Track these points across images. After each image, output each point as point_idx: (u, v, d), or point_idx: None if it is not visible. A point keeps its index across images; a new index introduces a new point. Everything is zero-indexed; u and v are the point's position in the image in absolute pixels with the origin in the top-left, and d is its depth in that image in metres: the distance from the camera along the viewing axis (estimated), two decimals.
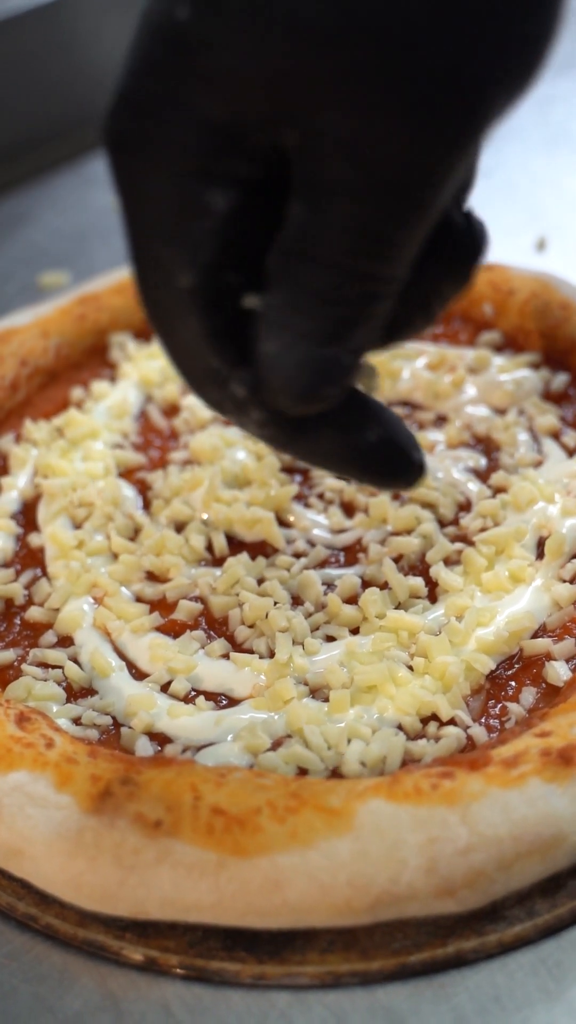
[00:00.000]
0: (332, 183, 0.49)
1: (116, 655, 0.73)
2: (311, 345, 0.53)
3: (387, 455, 0.59)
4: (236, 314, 0.55)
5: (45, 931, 0.63)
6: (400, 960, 0.60)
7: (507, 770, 0.61)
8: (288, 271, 0.52)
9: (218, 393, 0.57)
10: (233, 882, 0.59)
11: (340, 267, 0.51)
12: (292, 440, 0.58)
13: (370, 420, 0.58)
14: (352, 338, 0.53)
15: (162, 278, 0.54)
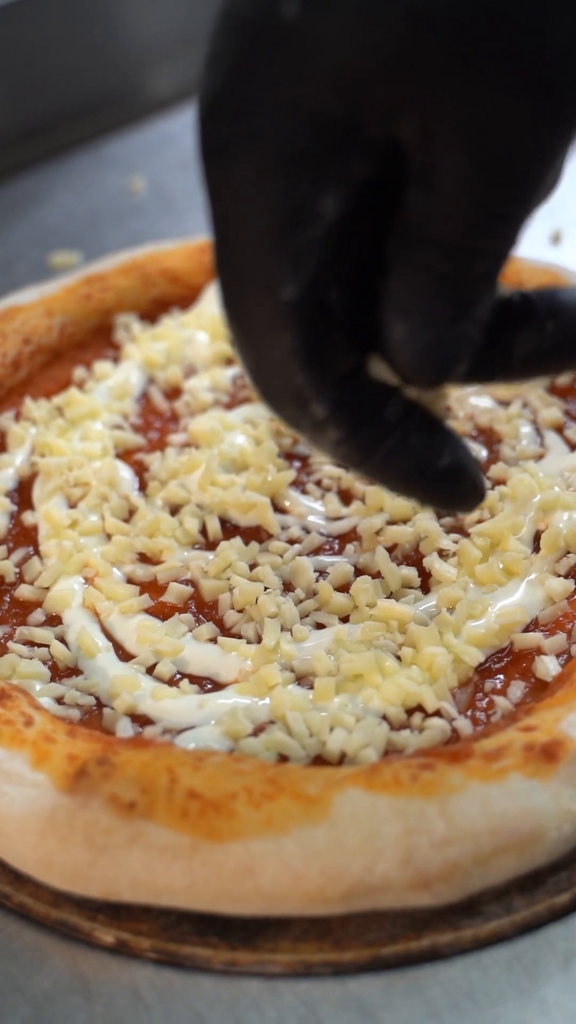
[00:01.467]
0: (450, 167, 0.50)
1: (103, 635, 0.73)
2: (440, 326, 0.53)
3: (456, 480, 0.59)
4: (333, 331, 0.54)
5: (18, 910, 0.63)
6: (374, 952, 0.59)
7: (488, 763, 0.60)
8: (410, 256, 0.52)
9: (297, 412, 0.56)
10: (205, 866, 0.58)
11: (461, 248, 0.51)
12: (365, 460, 0.57)
13: (443, 445, 0.58)
14: (476, 313, 0.54)
15: (261, 291, 0.52)
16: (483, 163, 0.49)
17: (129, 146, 1.22)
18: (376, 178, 0.52)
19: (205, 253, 0.96)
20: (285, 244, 0.51)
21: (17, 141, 1.21)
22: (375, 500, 0.78)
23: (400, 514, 0.77)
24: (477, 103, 0.48)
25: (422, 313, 0.53)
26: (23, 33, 1.17)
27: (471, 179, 0.50)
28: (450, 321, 0.53)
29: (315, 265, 0.52)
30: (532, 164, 0.50)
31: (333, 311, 0.54)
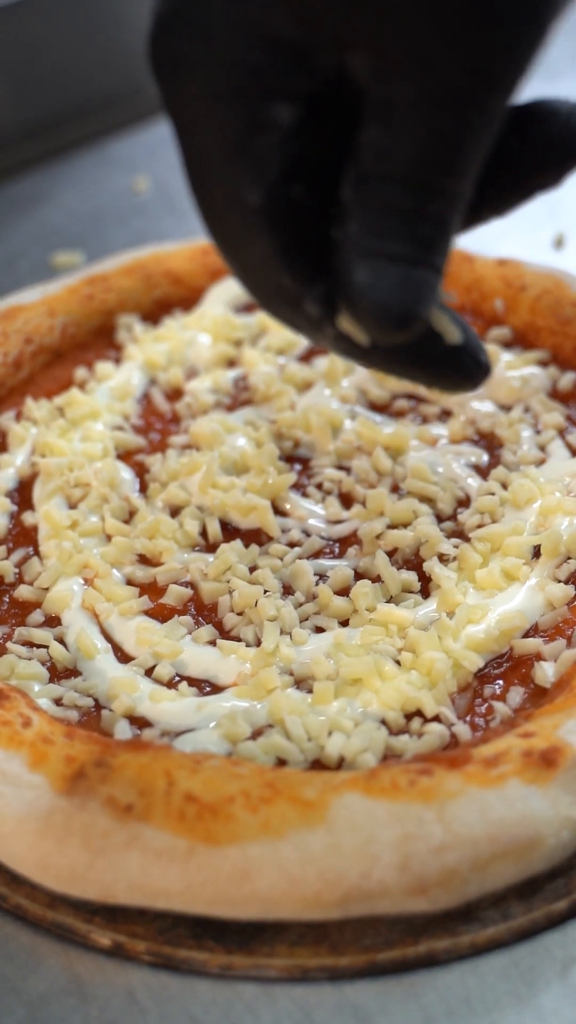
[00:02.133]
0: (404, 100, 0.50)
1: (102, 637, 0.72)
2: (402, 268, 0.53)
3: (459, 359, 0.60)
4: (306, 231, 0.55)
5: (14, 911, 0.63)
6: (370, 957, 0.59)
7: (487, 769, 0.60)
8: (367, 196, 0.52)
9: (291, 311, 0.58)
10: (202, 870, 0.58)
11: (419, 182, 0.52)
12: (367, 352, 0.58)
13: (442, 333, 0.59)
14: (438, 254, 0.54)
15: (228, 198, 0.54)
16: (437, 94, 0.50)
17: (132, 146, 1.22)
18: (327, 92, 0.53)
19: (208, 255, 0.96)
20: (245, 152, 0.53)
21: (20, 140, 1.21)
22: (376, 504, 0.78)
23: (401, 518, 0.77)
24: (428, 35, 0.50)
25: (383, 256, 0.53)
26: (27, 32, 1.17)
27: (423, 112, 0.51)
28: (411, 263, 0.53)
29: (277, 170, 0.54)
30: (484, 93, 0.51)
31: (303, 213, 0.55)
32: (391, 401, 0.87)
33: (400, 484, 0.80)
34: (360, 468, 0.81)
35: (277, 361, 0.90)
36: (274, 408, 0.86)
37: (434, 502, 0.78)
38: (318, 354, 0.91)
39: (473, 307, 0.92)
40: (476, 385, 0.61)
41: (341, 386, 0.87)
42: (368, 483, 0.80)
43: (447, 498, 0.78)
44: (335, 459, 0.82)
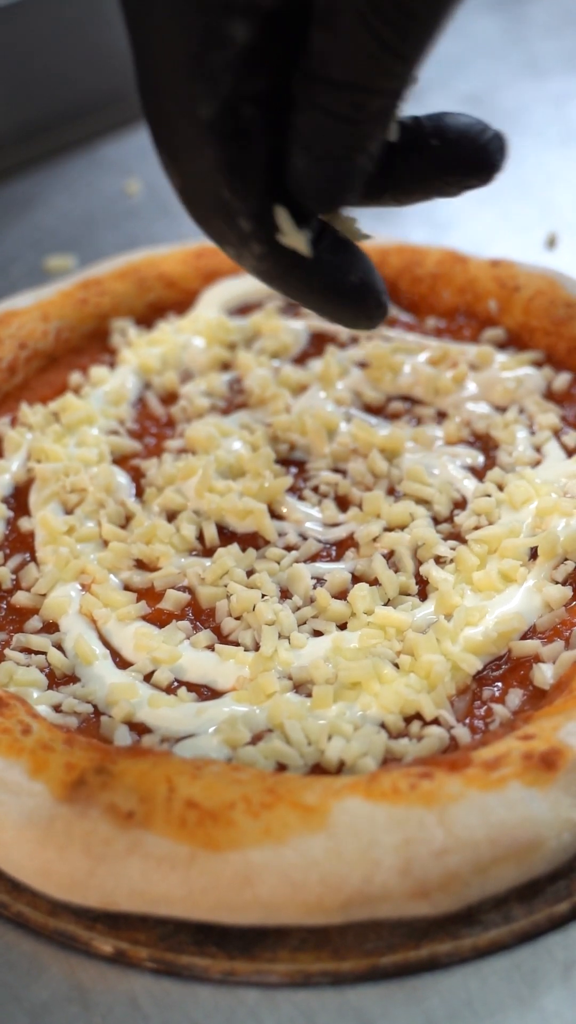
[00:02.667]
0: (348, 5, 0.53)
1: (101, 643, 0.72)
2: (336, 161, 0.58)
3: (363, 296, 0.64)
4: (251, 148, 0.58)
5: (16, 919, 0.63)
6: (372, 961, 0.59)
7: (487, 772, 0.60)
8: (311, 95, 0.56)
9: (223, 225, 0.61)
10: (204, 876, 0.58)
11: (357, 87, 0.55)
12: (284, 276, 0.63)
13: (353, 264, 0.64)
14: (370, 148, 0.58)
15: (180, 110, 0.57)
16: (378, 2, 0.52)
17: (124, 149, 1.22)
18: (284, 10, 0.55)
19: (201, 258, 0.96)
20: (200, 66, 0.56)
21: (12, 143, 1.20)
22: (372, 507, 0.78)
23: (397, 521, 0.77)
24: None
25: (320, 150, 0.57)
26: (19, 35, 1.17)
27: (367, 18, 0.53)
28: (345, 158, 0.58)
29: (230, 85, 0.56)
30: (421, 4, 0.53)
31: (251, 129, 0.58)
32: (386, 403, 0.87)
33: (396, 486, 0.80)
34: (356, 471, 0.81)
35: (272, 364, 0.90)
36: (269, 411, 0.86)
37: (430, 504, 0.78)
38: (313, 356, 0.91)
39: (467, 308, 0.92)
40: (373, 322, 0.66)
41: (336, 389, 0.87)
42: (364, 486, 0.80)
43: (443, 500, 0.78)
44: (331, 462, 0.82)
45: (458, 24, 1.36)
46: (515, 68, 1.29)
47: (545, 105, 1.23)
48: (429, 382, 0.86)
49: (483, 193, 1.12)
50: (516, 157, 1.17)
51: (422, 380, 0.87)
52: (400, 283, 0.94)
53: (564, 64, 1.29)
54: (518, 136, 1.20)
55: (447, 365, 0.88)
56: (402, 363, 0.88)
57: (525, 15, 1.37)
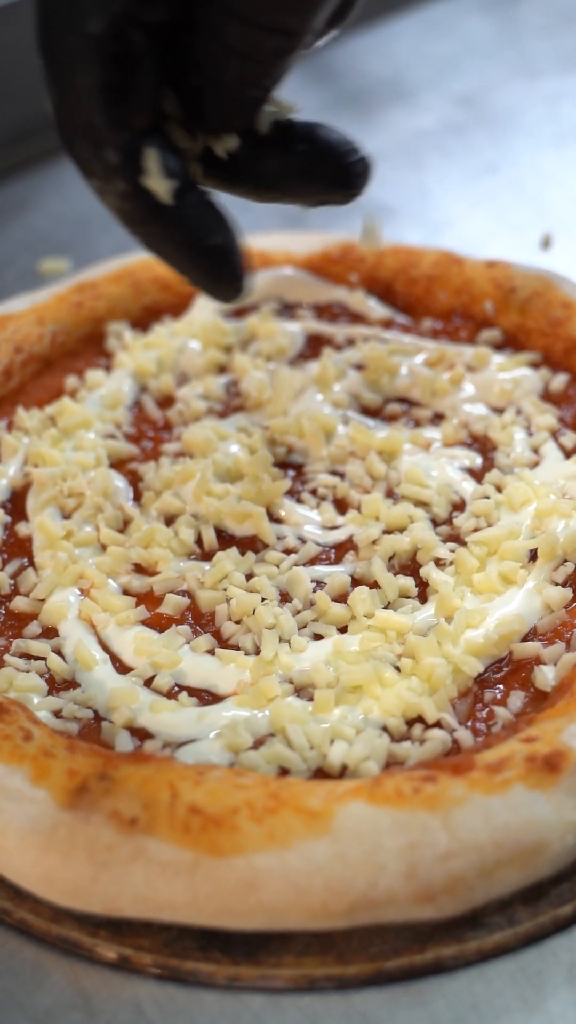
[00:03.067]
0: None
1: (100, 648, 0.72)
2: (227, 89, 0.59)
3: (220, 262, 0.64)
4: (133, 77, 0.58)
5: (18, 926, 0.62)
6: (377, 965, 0.59)
7: (491, 775, 0.60)
8: (213, 23, 0.57)
9: (91, 153, 0.60)
10: (208, 882, 0.58)
11: (258, 23, 0.56)
12: (146, 221, 0.62)
13: (217, 225, 0.63)
14: (262, 85, 0.59)
15: (69, 21, 0.57)
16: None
17: None
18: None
19: None
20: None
21: (5, 145, 1.20)
22: (371, 509, 0.78)
23: (396, 523, 0.77)
24: None
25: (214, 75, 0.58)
26: (13, 36, 1.16)
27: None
28: (237, 88, 0.59)
29: (122, 4, 0.56)
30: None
31: (138, 56, 0.58)
32: (383, 405, 0.87)
33: (394, 489, 0.80)
34: (354, 473, 0.81)
35: (268, 366, 0.89)
36: (266, 414, 0.86)
37: (429, 506, 0.78)
38: (308, 359, 0.91)
39: (463, 309, 0.92)
40: (227, 298, 0.66)
41: (333, 391, 0.87)
42: (362, 488, 0.80)
43: (442, 502, 0.78)
44: (329, 464, 0.82)
45: (450, 24, 1.38)
46: (508, 68, 1.29)
47: (538, 105, 1.23)
48: (426, 384, 0.86)
49: (477, 193, 1.14)
50: (510, 157, 1.19)
51: (419, 382, 0.87)
52: (396, 284, 0.94)
53: (557, 64, 1.29)
54: (512, 136, 1.21)
55: (444, 367, 0.88)
56: (399, 365, 0.87)
57: (518, 15, 1.37)
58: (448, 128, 1.22)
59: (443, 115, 1.23)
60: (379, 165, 1.17)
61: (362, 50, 1.32)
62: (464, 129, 1.21)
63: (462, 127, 1.22)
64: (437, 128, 1.22)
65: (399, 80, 1.28)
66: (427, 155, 1.18)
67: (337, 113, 1.24)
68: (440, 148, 1.19)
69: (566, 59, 1.30)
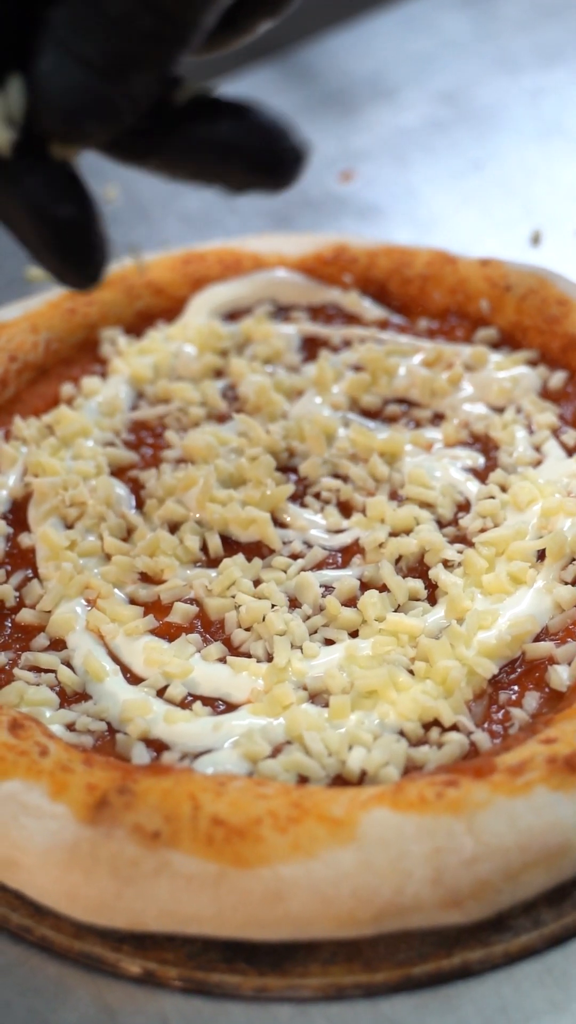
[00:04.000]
0: None
1: (110, 659, 0.71)
2: (87, 73, 0.50)
3: (73, 236, 0.55)
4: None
5: (40, 943, 0.62)
6: (404, 971, 0.59)
7: (513, 778, 0.60)
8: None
9: None
10: (233, 893, 0.58)
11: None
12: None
13: (65, 194, 0.55)
14: (132, 80, 0.50)
15: None
16: None
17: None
18: None
19: (189, 264, 0.95)
20: None
21: None
22: (376, 512, 0.77)
23: (402, 525, 0.77)
24: None
25: (73, 53, 0.50)
26: None
27: None
28: (99, 76, 0.50)
29: None
30: None
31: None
32: (383, 406, 0.87)
33: (398, 491, 0.80)
34: (357, 476, 0.80)
35: (265, 370, 0.89)
36: (265, 417, 0.85)
37: (434, 507, 0.78)
38: (306, 361, 0.90)
39: (458, 308, 0.92)
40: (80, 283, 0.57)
41: (332, 393, 0.87)
42: (366, 491, 0.80)
43: (447, 503, 0.78)
44: (331, 467, 0.82)
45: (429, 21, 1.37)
46: (488, 64, 1.29)
47: (521, 101, 1.23)
48: (425, 384, 0.86)
49: (464, 191, 1.14)
50: (496, 154, 1.19)
51: (418, 382, 0.86)
52: (390, 285, 0.94)
53: (538, 59, 1.29)
54: (495, 132, 1.21)
55: (442, 366, 0.87)
56: (397, 366, 0.87)
57: (496, 11, 1.37)
58: (432, 125, 1.21)
59: (426, 112, 1.23)
60: (365, 164, 1.19)
61: (341, 49, 1.32)
62: (448, 126, 1.21)
63: (446, 124, 1.22)
64: (421, 126, 1.22)
65: (380, 78, 1.28)
66: (412, 153, 1.18)
67: (319, 113, 1.24)
68: (425, 146, 1.19)
69: (546, 54, 1.30)
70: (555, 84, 1.26)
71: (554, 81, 1.26)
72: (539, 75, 1.27)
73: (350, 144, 1.18)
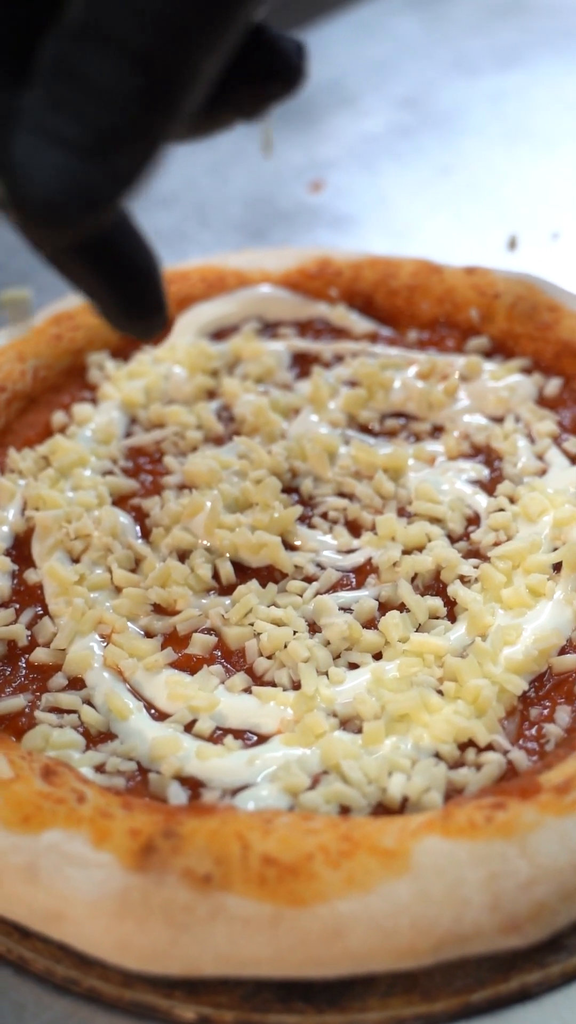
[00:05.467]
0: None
1: (132, 695, 0.70)
2: (68, 156, 0.45)
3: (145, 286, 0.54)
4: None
5: (88, 994, 0.60)
6: (463, 999, 0.59)
7: (560, 797, 0.60)
8: (64, 56, 0.44)
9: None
10: (291, 933, 0.57)
11: (129, 47, 0.43)
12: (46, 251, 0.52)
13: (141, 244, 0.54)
14: (118, 157, 0.45)
15: None
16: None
17: None
18: None
19: (172, 284, 0.94)
20: None
21: None
22: (386, 530, 0.77)
23: (414, 542, 0.76)
24: None
25: (52, 134, 0.44)
26: None
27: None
28: (83, 156, 0.45)
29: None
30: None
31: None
32: (380, 421, 0.86)
33: (406, 507, 0.79)
34: (363, 493, 0.80)
35: (258, 389, 0.88)
36: (264, 438, 0.84)
37: (444, 522, 0.78)
38: (298, 378, 0.89)
39: (447, 318, 0.91)
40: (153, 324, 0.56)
41: (328, 410, 0.86)
42: (373, 508, 0.79)
43: (456, 517, 0.78)
44: (336, 486, 0.81)
45: (381, 25, 1.37)
46: (445, 68, 1.29)
47: (482, 104, 1.24)
48: (421, 397, 0.86)
49: (435, 198, 1.14)
50: (463, 159, 1.19)
51: (414, 395, 0.86)
52: (376, 297, 0.93)
53: (494, 61, 1.29)
54: (460, 137, 1.21)
55: (437, 378, 0.87)
56: (391, 379, 0.87)
57: (446, 13, 1.37)
58: (396, 131, 1.21)
59: (389, 118, 1.23)
60: (334, 174, 1.18)
61: None
62: (412, 131, 1.21)
63: (409, 129, 1.21)
64: (385, 132, 1.21)
65: (340, 85, 1.27)
66: (379, 161, 1.18)
67: (282, 123, 1.22)
68: (391, 152, 1.19)
69: (501, 56, 1.31)
70: (514, 87, 1.26)
71: (513, 84, 1.26)
72: (497, 78, 1.27)
73: (317, 153, 1.17)
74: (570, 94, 1.24)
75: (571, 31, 1.31)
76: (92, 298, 0.55)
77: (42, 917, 0.59)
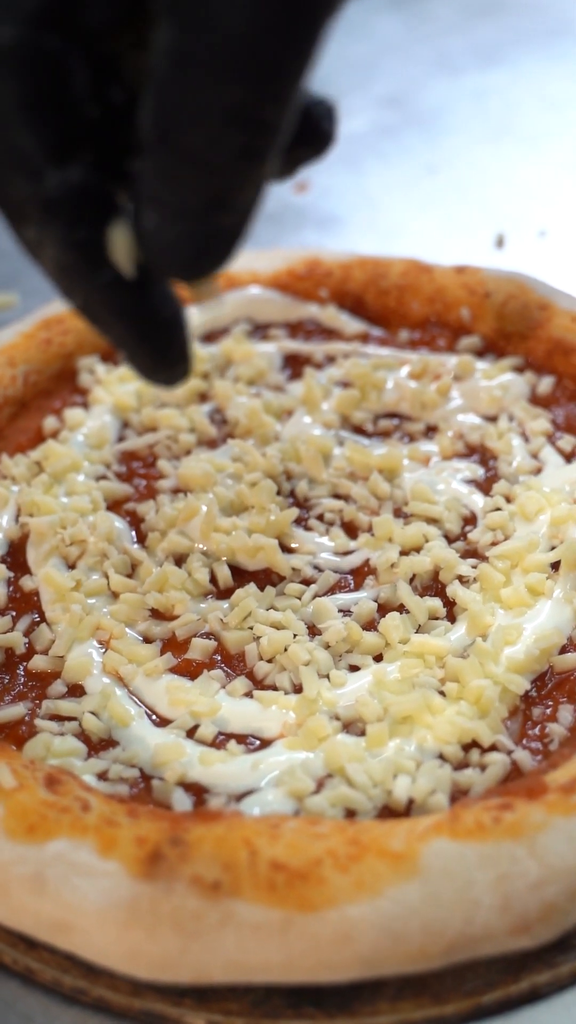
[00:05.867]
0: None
1: (132, 701, 0.70)
2: (189, 221, 0.49)
3: (171, 337, 0.56)
4: (64, 94, 0.49)
5: (97, 1004, 0.60)
6: (474, 1001, 0.59)
7: (567, 797, 0.60)
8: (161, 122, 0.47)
9: (26, 187, 0.50)
10: (302, 939, 0.57)
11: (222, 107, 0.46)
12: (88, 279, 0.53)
13: (169, 295, 0.56)
14: (236, 202, 0.49)
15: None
16: None
17: None
18: None
19: None
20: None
21: None
22: (383, 531, 0.77)
23: (412, 543, 0.76)
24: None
25: (172, 206, 0.49)
26: None
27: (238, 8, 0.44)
28: (203, 215, 0.49)
29: (32, 8, 0.48)
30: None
31: (60, 68, 0.49)
32: (374, 421, 0.86)
33: (403, 507, 0.79)
34: (359, 494, 0.80)
35: (250, 391, 0.88)
36: (258, 441, 0.84)
37: (440, 523, 0.78)
38: (290, 380, 0.89)
39: (438, 318, 0.91)
40: (176, 373, 0.58)
41: (321, 411, 0.86)
42: (369, 509, 0.79)
43: (453, 517, 0.78)
44: (331, 488, 0.81)
45: (362, 24, 1.37)
46: (427, 67, 1.29)
47: (465, 102, 1.24)
48: (414, 397, 0.86)
49: (421, 197, 1.14)
50: (448, 158, 1.19)
51: (407, 395, 0.86)
52: (366, 297, 0.93)
53: (475, 59, 1.29)
54: (444, 136, 1.21)
55: (429, 378, 0.87)
56: (384, 380, 0.87)
57: (428, 12, 1.37)
58: (380, 131, 1.21)
59: (373, 118, 1.23)
60: (319, 175, 1.18)
61: None
62: (396, 131, 1.21)
63: (394, 129, 1.21)
64: (369, 131, 1.21)
65: (322, 84, 1.26)
66: (365, 160, 1.17)
67: None
68: (376, 152, 1.19)
69: (483, 55, 1.31)
70: (497, 85, 1.26)
71: (495, 82, 1.26)
72: (480, 76, 1.27)
73: None
74: (553, 92, 1.24)
75: (552, 30, 1.32)
76: (119, 347, 0.57)
77: (50, 928, 0.59)
